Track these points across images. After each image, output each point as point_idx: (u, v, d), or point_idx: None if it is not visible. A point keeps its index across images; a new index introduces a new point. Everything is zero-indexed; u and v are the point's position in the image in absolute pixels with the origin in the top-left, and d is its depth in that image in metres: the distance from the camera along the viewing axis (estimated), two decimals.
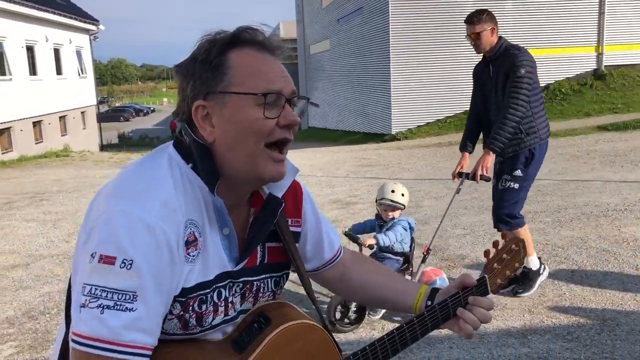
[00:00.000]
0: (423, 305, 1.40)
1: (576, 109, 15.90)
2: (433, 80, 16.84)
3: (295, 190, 1.35)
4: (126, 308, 1.01)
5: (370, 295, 1.51)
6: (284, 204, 1.26)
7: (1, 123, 17.30)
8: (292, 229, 1.33)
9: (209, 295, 1.16)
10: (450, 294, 1.36)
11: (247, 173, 1.14)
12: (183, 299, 1.12)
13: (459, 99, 16.99)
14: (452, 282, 2.03)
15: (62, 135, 21.66)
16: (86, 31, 25.35)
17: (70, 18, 22.69)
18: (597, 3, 16.92)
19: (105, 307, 1.00)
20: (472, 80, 4.40)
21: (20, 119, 18.32)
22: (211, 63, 1.12)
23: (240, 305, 1.25)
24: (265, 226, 1.23)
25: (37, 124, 19.86)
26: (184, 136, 1.18)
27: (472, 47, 4.07)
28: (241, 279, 1.22)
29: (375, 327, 3.64)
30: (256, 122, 1.11)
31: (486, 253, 1.45)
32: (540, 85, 4.09)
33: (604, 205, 6.24)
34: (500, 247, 1.46)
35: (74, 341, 1.01)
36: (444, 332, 3.47)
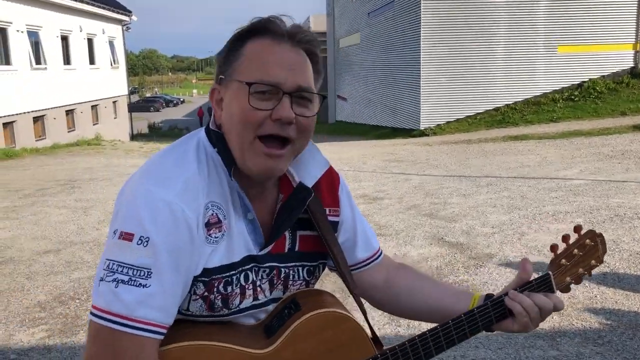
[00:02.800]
0: None
1: (611, 108, 15.55)
2: (464, 76, 16.64)
3: (332, 180, 1.33)
4: (140, 284, 1.03)
5: (418, 303, 1.38)
6: (313, 194, 1.24)
7: (36, 111, 17.67)
8: (331, 218, 1.30)
9: (234, 277, 1.17)
10: (507, 290, 1.27)
11: (240, 163, 1.14)
12: (207, 279, 1.13)
13: (490, 95, 16.78)
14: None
15: (93, 124, 22.03)
16: (119, 22, 25.69)
17: (104, 9, 23.01)
18: (637, 0, 16.49)
19: (120, 281, 1.03)
20: (503, 77, 4.29)
21: (54, 107, 18.68)
22: (229, 52, 1.15)
23: (271, 293, 1.24)
24: (293, 214, 1.22)
25: (69, 113, 20.22)
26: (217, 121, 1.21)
27: (503, 43, 3.94)
28: (267, 264, 1.22)
29: (401, 323, 3.62)
30: (243, 112, 1.10)
31: (553, 248, 1.32)
32: (574, 83, 3.98)
33: (639, 207, 6.09)
34: (571, 241, 1.34)
35: (91, 313, 1.05)
36: None
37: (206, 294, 1.14)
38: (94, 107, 22.32)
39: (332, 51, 32.23)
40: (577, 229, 1.35)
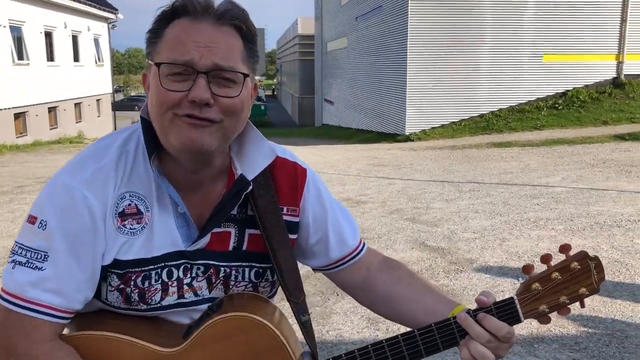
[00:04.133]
0: None
1: (593, 117, 15.71)
2: (449, 82, 16.71)
3: (296, 177, 1.24)
4: (36, 267, 1.04)
5: (394, 310, 1.29)
6: (251, 187, 1.15)
7: (17, 107, 17.42)
8: (287, 217, 1.22)
9: (154, 272, 1.12)
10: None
11: (165, 145, 1.08)
12: (121, 272, 1.11)
13: (475, 102, 16.87)
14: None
15: (76, 122, 21.80)
16: (105, 19, 25.47)
17: (90, 6, 22.77)
18: (620, 11, 16.70)
19: (18, 262, 1.05)
20: (489, 84, 4.30)
21: (36, 104, 18.44)
22: (152, 35, 1.10)
23: (209, 292, 1.18)
24: (225, 208, 1.14)
25: (52, 110, 19.98)
26: None
27: (489, 50, 3.96)
28: (200, 262, 1.15)
29: (380, 327, 3.60)
30: (158, 93, 1.04)
31: (527, 269, 1.13)
32: (558, 91, 4.00)
33: (618, 215, 6.14)
34: (553, 262, 1.13)
35: None
36: None
37: (122, 286, 1.11)
38: (77, 104, 22.08)
39: (319, 54, 32.27)
40: (564, 248, 1.14)
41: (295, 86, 43.35)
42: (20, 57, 17.98)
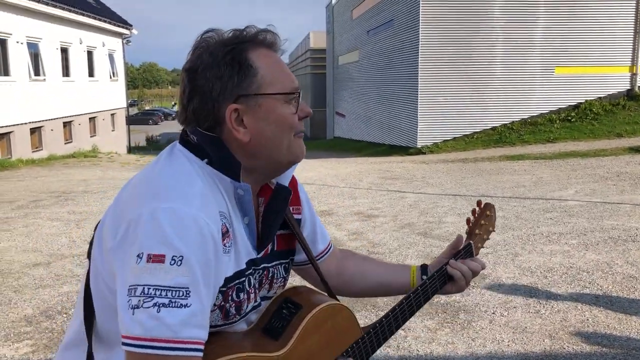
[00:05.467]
0: (419, 281, 1.52)
1: (607, 129, 15.60)
2: (461, 95, 16.72)
3: (292, 181, 1.39)
4: (181, 305, 1.00)
5: (369, 282, 1.57)
6: (292, 192, 1.30)
7: (33, 122, 17.66)
8: (295, 216, 1.39)
9: (244, 283, 1.19)
10: (443, 263, 1.53)
11: (282, 162, 1.21)
12: (224, 289, 1.13)
13: (487, 114, 16.84)
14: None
15: (91, 136, 22.03)
16: (119, 35, 25.81)
17: (105, 22, 23.11)
18: (633, 22, 16.63)
19: (161, 305, 0.98)
20: (501, 97, 4.31)
21: (51, 119, 18.67)
22: (240, 66, 1.13)
23: (259, 292, 1.27)
24: (281, 213, 1.27)
25: (67, 124, 20.22)
26: (190, 136, 1.18)
27: (501, 63, 3.97)
28: (260, 266, 1.25)
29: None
30: (289, 118, 1.18)
31: (468, 221, 1.61)
32: (571, 104, 3.99)
33: (633, 230, 6.07)
34: (478, 214, 1.61)
35: (128, 344, 0.99)
36: (460, 351, 3.40)
37: (222, 303, 1.14)
38: (91, 119, 22.33)
39: (331, 68, 32.41)
40: (479, 203, 1.62)
41: (307, 99, 43.49)
42: (37, 73, 18.25)
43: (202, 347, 1.04)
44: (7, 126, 16.14)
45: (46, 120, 18.37)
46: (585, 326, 3.76)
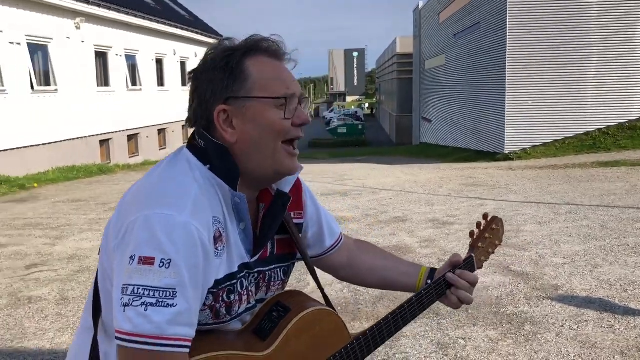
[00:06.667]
0: (424, 284, 1.55)
1: None
2: (552, 98, 15.98)
3: (297, 186, 1.44)
4: (168, 304, 1.07)
5: (377, 277, 1.63)
6: (291, 199, 1.35)
7: (131, 129, 18.80)
8: (295, 221, 1.44)
9: (235, 286, 1.24)
10: (443, 273, 1.53)
11: (267, 169, 1.24)
12: (215, 290, 1.20)
13: (580, 118, 15.99)
14: None
15: (183, 143, 23.06)
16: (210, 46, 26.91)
17: (197, 33, 24.22)
18: None
19: (148, 304, 1.06)
20: (596, 100, 4.07)
21: (147, 126, 19.79)
22: (232, 70, 1.20)
23: (256, 295, 1.33)
24: (277, 219, 1.32)
25: (161, 131, 21.35)
26: (197, 140, 1.25)
27: (596, 63, 3.75)
28: (255, 270, 1.31)
29: (449, 353, 3.50)
30: (277, 123, 1.21)
31: (471, 234, 1.60)
32: None
33: None
34: (482, 227, 1.60)
35: (119, 339, 1.07)
36: None
37: (213, 303, 1.21)
38: (184, 126, 23.42)
39: (417, 73, 32.06)
40: (485, 216, 1.61)
41: (393, 105, 43.26)
42: (134, 83, 19.42)
43: (188, 344, 1.10)
44: (106, 133, 17.28)
45: (142, 127, 19.49)
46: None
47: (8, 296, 4.91)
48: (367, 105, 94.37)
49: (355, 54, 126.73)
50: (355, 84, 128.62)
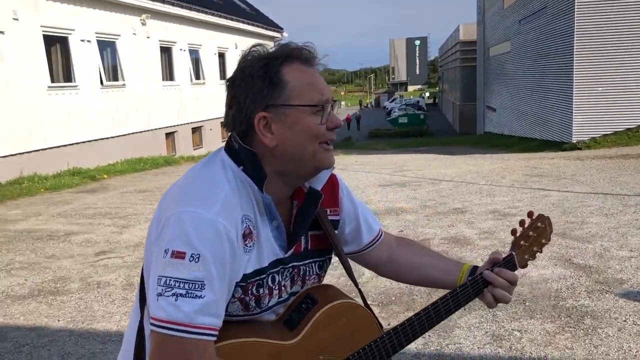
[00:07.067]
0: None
1: None
2: (623, 84, 15.25)
3: (333, 184, 1.50)
4: (196, 295, 1.16)
5: (417, 274, 1.63)
6: (323, 196, 1.40)
7: (195, 122, 19.33)
8: (330, 217, 1.48)
9: (264, 280, 1.32)
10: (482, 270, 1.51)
11: (308, 167, 1.31)
12: (244, 284, 1.28)
13: None
14: None
15: None
16: (271, 38, 27.21)
17: (258, 27, 24.56)
18: None
19: (179, 295, 1.16)
20: None
21: (210, 119, 20.28)
22: (270, 79, 1.26)
23: (291, 288, 1.40)
24: (309, 216, 1.38)
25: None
26: (233, 143, 1.32)
27: None
28: (290, 265, 1.37)
29: (503, 345, 3.44)
30: (314, 128, 1.28)
31: (513, 232, 1.55)
32: None
33: None
34: (526, 225, 1.55)
35: (153, 325, 1.18)
36: (578, 357, 3.18)
37: (243, 296, 1.29)
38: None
39: (481, 61, 31.30)
40: (530, 214, 1.56)
41: (456, 93, 42.43)
42: (197, 77, 19.93)
43: (214, 332, 1.20)
44: (172, 126, 17.84)
45: (205, 120, 19.99)
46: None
47: (79, 281, 5.20)
48: (427, 94, 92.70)
49: (417, 42, 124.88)
50: (417, 72, 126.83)
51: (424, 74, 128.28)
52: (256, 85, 1.26)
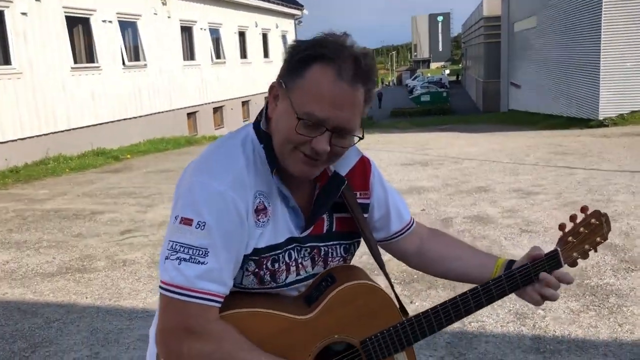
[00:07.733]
0: None
1: None
2: None
3: (364, 167, 1.48)
4: (199, 261, 1.20)
5: (448, 267, 1.56)
6: (346, 182, 1.39)
7: (216, 102, 19.37)
8: (360, 201, 1.46)
9: (280, 256, 1.34)
10: (520, 265, 1.41)
11: (280, 161, 1.28)
12: (257, 258, 1.31)
13: None
14: None
15: None
16: (291, 16, 27.03)
17: (278, 4, 24.35)
18: None
19: (182, 259, 1.20)
20: None
21: (231, 99, 20.30)
22: (297, 68, 1.24)
23: (312, 269, 1.40)
24: (328, 200, 1.37)
25: (245, 104, 21.82)
26: (261, 118, 1.36)
27: None
28: (308, 244, 1.38)
29: (526, 323, 3.43)
30: (289, 130, 1.24)
31: (561, 226, 1.43)
32: None
33: None
34: (578, 220, 1.43)
35: (160, 287, 1.23)
36: (602, 336, 3.15)
37: (257, 270, 1.32)
38: (266, 97, 23.82)
39: (505, 36, 30.70)
40: (584, 209, 1.44)
41: (480, 70, 41.76)
42: (218, 57, 19.91)
43: (217, 299, 1.23)
44: (193, 106, 17.91)
45: (226, 100, 20.02)
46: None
47: (105, 259, 5.30)
48: (447, 72, 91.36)
49: (440, 18, 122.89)
50: (440, 49, 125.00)
51: (447, 50, 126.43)
52: (286, 67, 1.27)
